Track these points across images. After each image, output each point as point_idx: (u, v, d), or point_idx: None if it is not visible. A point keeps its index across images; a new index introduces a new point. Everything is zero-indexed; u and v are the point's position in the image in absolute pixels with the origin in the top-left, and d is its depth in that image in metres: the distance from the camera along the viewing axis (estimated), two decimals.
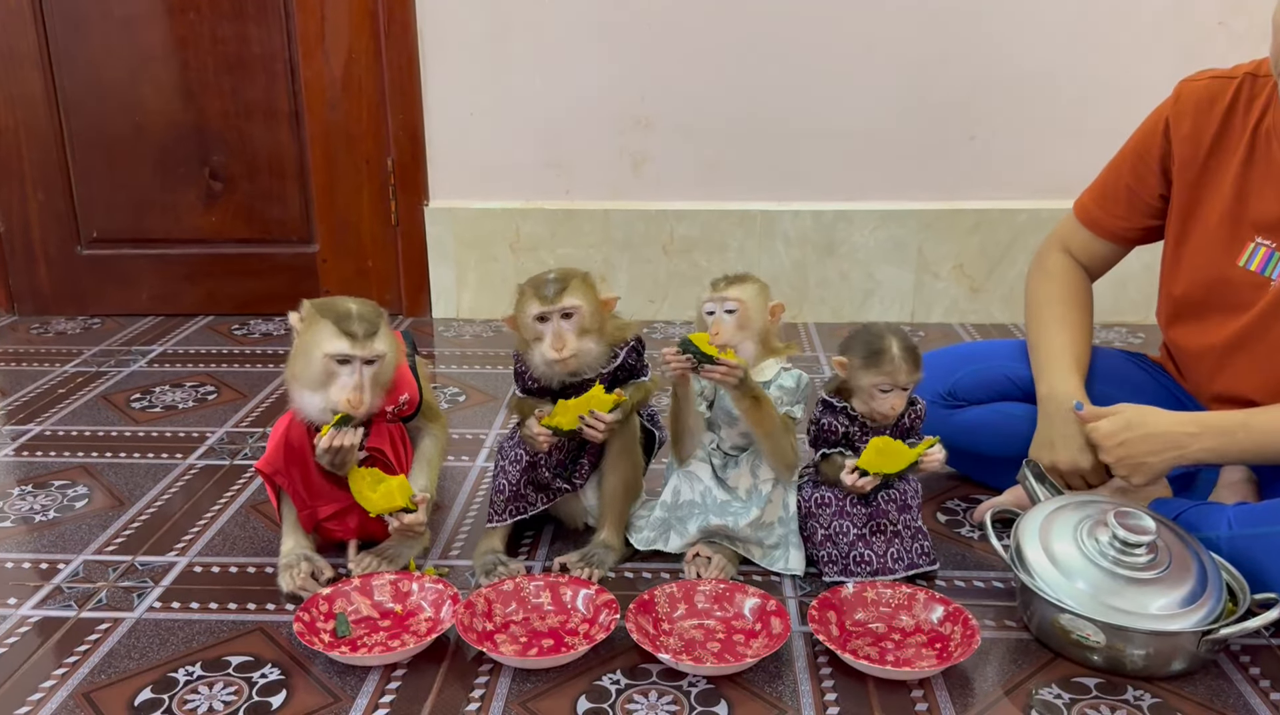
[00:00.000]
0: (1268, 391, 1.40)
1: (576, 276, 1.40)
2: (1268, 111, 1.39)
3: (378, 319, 1.37)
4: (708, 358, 1.32)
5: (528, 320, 1.39)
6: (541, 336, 1.39)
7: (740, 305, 1.40)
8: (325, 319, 1.35)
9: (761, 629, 1.28)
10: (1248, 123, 1.41)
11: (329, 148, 2.63)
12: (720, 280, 1.43)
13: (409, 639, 1.28)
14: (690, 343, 1.33)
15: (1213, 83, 1.45)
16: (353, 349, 1.34)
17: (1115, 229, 1.58)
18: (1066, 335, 1.55)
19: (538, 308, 1.38)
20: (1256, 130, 1.40)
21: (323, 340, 1.34)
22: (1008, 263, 2.61)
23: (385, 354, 1.37)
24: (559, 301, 1.37)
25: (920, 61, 2.50)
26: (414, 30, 2.53)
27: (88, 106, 2.62)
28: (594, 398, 1.39)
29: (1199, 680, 1.21)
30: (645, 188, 2.64)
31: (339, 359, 1.34)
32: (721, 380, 1.34)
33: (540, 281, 1.39)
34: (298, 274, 2.74)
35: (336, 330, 1.34)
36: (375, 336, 1.35)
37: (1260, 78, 1.40)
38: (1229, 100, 1.43)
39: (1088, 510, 1.33)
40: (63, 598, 1.41)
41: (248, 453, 1.89)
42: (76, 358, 2.43)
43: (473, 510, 1.65)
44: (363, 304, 1.39)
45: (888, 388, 1.38)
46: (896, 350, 1.36)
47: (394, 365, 1.42)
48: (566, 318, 1.38)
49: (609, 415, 1.40)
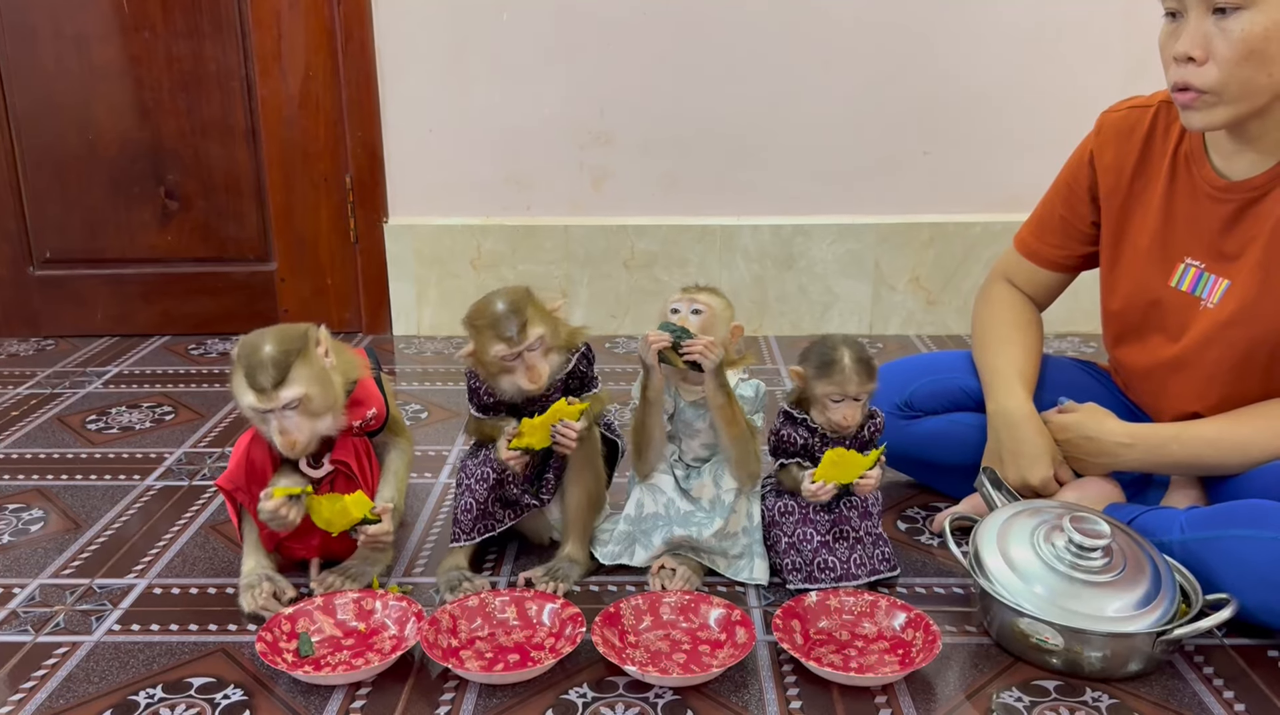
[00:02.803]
0: (1211, 409, 1.44)
1: (527, 302, 1.37)
2: (1184, 137, 1.44)
3: (289, 360, 1.30)
4: (689, 334, 1.34)
5: (493, 359, 1.37)
6: (512, 371, 1.38)
7: (708, 310, 1.41)
8: (239, 369, 1.32)
9: (727, 639, 1.29)
10: (1166, 148, 1.46)
11: (286, 165, 2.61)
12: (691, 287, 1.44)
13: (373, 657, 1.27)
14: (670, 324, 1.36)
15: (1130, 113, 1.50)
16: (260, 402, 1.30)
17: (1054, 258, 1.62)
18: (1011, 352, 1.59)
19: (505, 350, 1.35)
20: (1176, 155, 1.44)
21: (239, 392, 1.33)
22: (962, 275, 2.65)
23: (303, 395, 1.31)
24: (524, 339, 1.35)
25: (874, 78, 2.54)
26: (372, 47, 2.53)
27: (39, 125, 2.58)
28: (559, 411, 1.40)
29: (1155, 680, 1.24)
30: (605, 203, 2.65)
31: (257, 411, 1.33)
32: (701, 355, 1.34)
33: (496, 319, 1.35)
34: (255, 292, 2.72)
35: (245, 383, 1.31)
36: (284, 384, 1.29)
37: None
38: (1147, 128, 1.47)
39: (1044, 516, 1.35)
40: (18, 623, 1.39)
41: (206, 473, 1.87)
42: (30, 380, 2.40)
43: (435, 527, 1.65)
44: (280, 341, 1.32)
45: (839, 398, 1.39)
46: (848, 361, 1.38)
47: (334, 392, 1.36)
48: (533, 350, 1.38)
49: (578, 423, 1.41)
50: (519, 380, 1.38)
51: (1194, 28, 1.26)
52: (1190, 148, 1.42)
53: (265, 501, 1.35)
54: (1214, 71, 1.26)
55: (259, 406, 1.31)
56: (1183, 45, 1.27)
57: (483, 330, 1.37)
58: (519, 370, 1.38)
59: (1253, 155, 1.36)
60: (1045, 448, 1.50)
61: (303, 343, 1.34)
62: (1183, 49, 1.27)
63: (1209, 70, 1.26)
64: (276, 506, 1.35)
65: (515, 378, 1.38)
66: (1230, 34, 1.24)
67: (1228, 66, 1.25)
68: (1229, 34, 1.24)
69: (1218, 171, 1.39)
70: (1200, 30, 1.26)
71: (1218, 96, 1.28)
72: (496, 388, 1.42)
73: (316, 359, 1.35)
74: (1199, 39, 1.26)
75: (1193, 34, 1.26)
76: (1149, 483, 1.55)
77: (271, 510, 1.35)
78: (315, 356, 1.35)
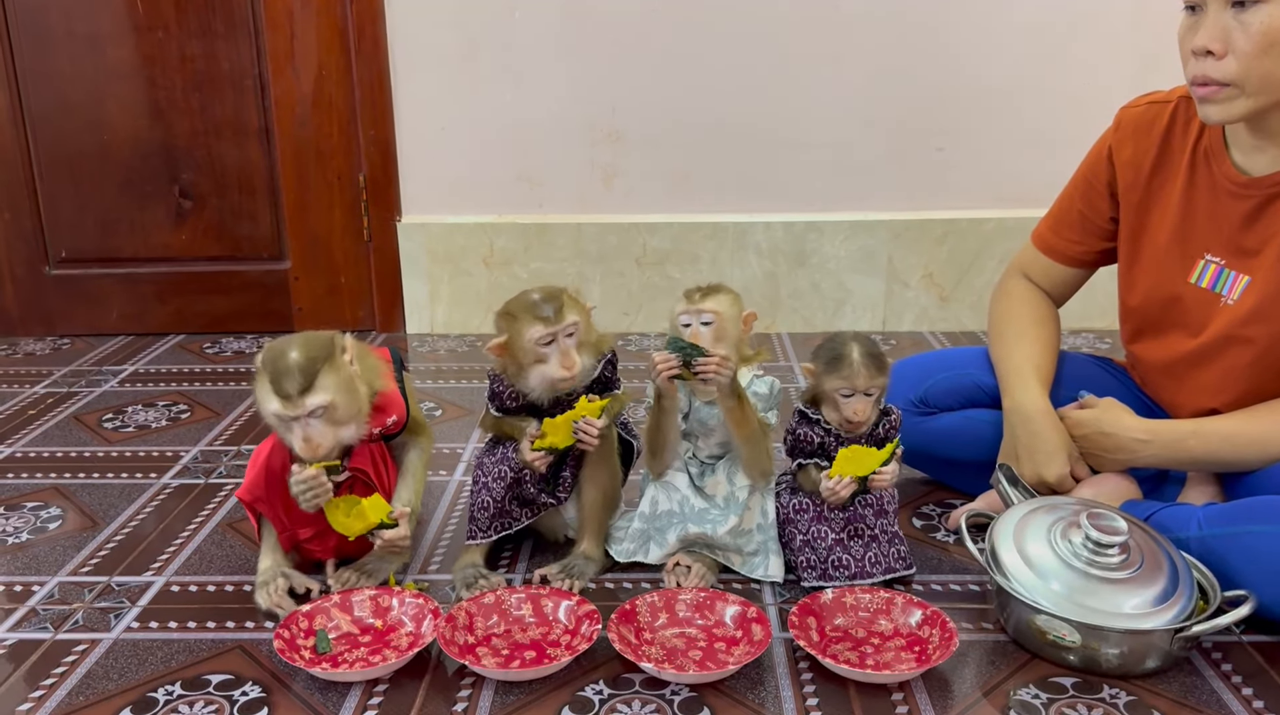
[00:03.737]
0: (1229, 405, 1.44)
1: (563, 292, 1.39)
2: (1203, 132, 1.43)
3: (315, 367, 1.30)
4: (700, 352, 1.34)
5: (528, 344, 1.36)
6: (545, 358, 1.37)
7: (717, 317, 1.41)
8: (264, 376, 1.31)
9: (743, 636, 1.29)
10: (1186, 144, 1.45)
11: (300, 164, 2.62)
12: (694, 292, 1.43)
13: (390, 654, 1.28)
14: (679, 341, 1.35)
15: (1150, 108, 1.49)
16: (286, 409, 1.30)
17: (1072, 254, 1.61)
18: (1027, 348, 1.59)
19: (542, 330, 1.35)
20: (1195, 151, 1.44)
21: (264, 399, 1.32)
22: (975, 271, 2.64)
23: (329, 402, 1.31)
24: (562, 320, 1.36)
25: (887, 74, 2.54)
26: (384, 46, 2.54)
27: (54, 125, 2.60)
28: (581, 408, 1.40)
29: (1173, 677, 1.23)
30: (617, 201, 2.65)
31: (281, 417, 1.33)
32: (715, 373, 1.34)
33: (533, 304, 1.36)
34: (269, 291, 2.73)
35: (270, 390, 1.30)
36: (310, 391, 1.29)
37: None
38: (1166, 123, 1.47)
39: (1061, 512, 1.35)
40: (38, 620, 1.40)
41: (222, 471, 1.88)
42: (46, 378, 2.41)
43: (451, 524, 1.65)
44: (306, 348, 1.31)
45: (849, 393, 1.39)
46: (856, 355, 1.37)
47: (358, 401, 1.36)
48: (569, 335, 1.38)
49: (600, 421, 1.40)
50: (552, 369, 1.37)
51: (1213, 21, 1.26)
52: (1210, 143, 1.42)
53: (301, 471, 1.34)
54: (1233, 64, 1.26)
55: (284, 413, 1.31)
56: (1201, 39, 1.27)
57: (519, 315, 1.37)
58: (553, 357, 1.37)
59: (1274, 151, 1.35)
60: (1061, 444, 1.50)
61: (329, 350, 1.33)
62: (1201, 42, 1.27)
63: (1228, 63, 1.26)
64: (313, 476, 1.34)
65: (548, 368, 1.37)
66: (1249, 27, 1.23)
67: (1247, 59, 1.25)
68: (1248, 27, 1.24)
69: (1238, 167, 1.39)
70: (1219, 23, 1.25)
71: (1238, 89, 1.27)
72: (524, 385, 1.41)
73: (343, 367, 1.35)
74: (1218, 32, 1.25)
75: (1211, 27, 1.26)
76: (1165, 479, 1.55)
77: (308, 478, 1.34)
78: (341, 364, 1.34)
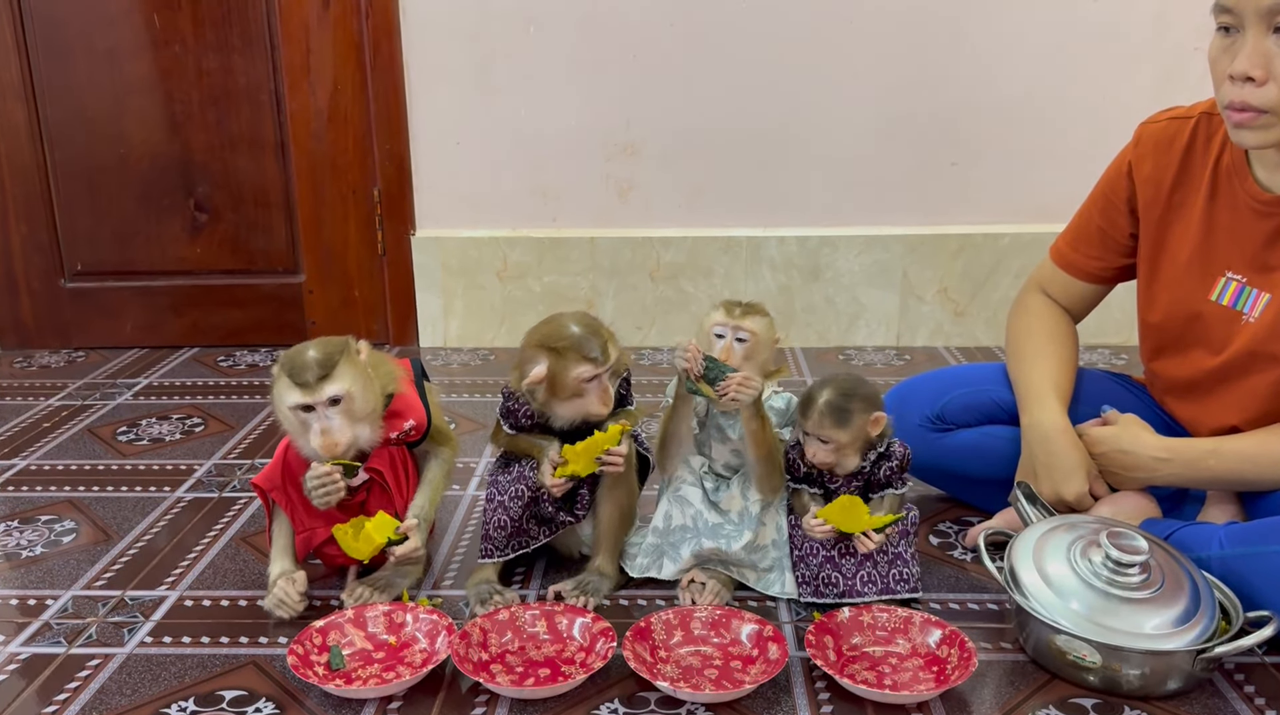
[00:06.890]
0: (1250, 423, 1.42)
1: (600, 325, 1.39)
2: (1225, 149, 1.41)
3: (334, 359, 1.34)
4: (727, 369, 1.34)
5: (571, 382, 1.36)
6: (584, 393, 1.37)
7: (753, 337, 1.39)
8: (283, 374, 1.35)
9: (759, 655, 1.28)
10: (1207, 160, 1.43)
11: (315, 178, 2.63)
12: (735, 306, 1.41)
13: (404, 671, 1.27)
14: (712, 359, 1.35)
15: (1170, 124, 1.48)
16: (305, 397, 1.33)
17: (1091, 269, 1.60)
18: (1046, 365, 1.57)
19: (591, 371, 1.35)
20: (1217, 167, 1.42)
21: (283, 394, 1.35)
22: (991, 286, 2.63)
23: (346, 392, 1.34)
24: (608, 360, 1.36)
25: (901, 88, 2.53)
26: (399, 61, 2.55)
27: (71, 138, 2.61)
28: (601, 440, 1.38)
29: (1194, 699, 1.22)
30: (631, 214, 2.65)
31: (301, 408, 1.34)
32: (740, 388, 1.33)
33: (579, 341, 1.35)
34: (284, 304, 2.73)
35: (290, 382, 1.34)
36: (329, 379, 1.33)
37: (1215, 116, 1.42)
38: (1187, 140, 1.45)
39: (1080, 531, 1.34)
40: (51, 634, 1.39)
41: (236, 485, 1.88)
42: (61, 391, 2.42)
43: (465, 540, 1.65)
44: (323, 346, 1.36)
45: (807, 434, 1.39)
46: (820, 402, 1.37)
47: (374, 397, 1.39)
48: (612, 373, 1.38)
49: (621, 447, 1.40)
50: (590, 404, 1.37)
51: (1253, 47, 1.23)
52: (1233, 161, 1.40)
53: (317, 468, 1.36)
54: (1274, 91, 1.23)
55: (303, 400, 1.33)
56: (1241, 64, 1.24)
57: (565, 352, 1.35)
58: (592, 393, 1.37)
59: None
60: (1080, 462, 1.49)
61: (344, 347, 1.38)
62: (1241, 68, 1.24)
63: (1269, 90, 1.23)
64: (327, 472, 1.36)
65: (586, 402, 1.37)
66: None
67: None
68: None
69: (1262, 185, 1.37)
70: (1261, 49, 1.22)
71: (1277, 117, 1.25)
72: (552, 414, 1.41)
73: (358, 362, 1.38)
74: (1259, 59, 1.23)
75: (1252, 53, 1.23)
76: (1185, 497, 1.53)
77: (323, 474, 1.36)
78: (357, 360, 1.38)
